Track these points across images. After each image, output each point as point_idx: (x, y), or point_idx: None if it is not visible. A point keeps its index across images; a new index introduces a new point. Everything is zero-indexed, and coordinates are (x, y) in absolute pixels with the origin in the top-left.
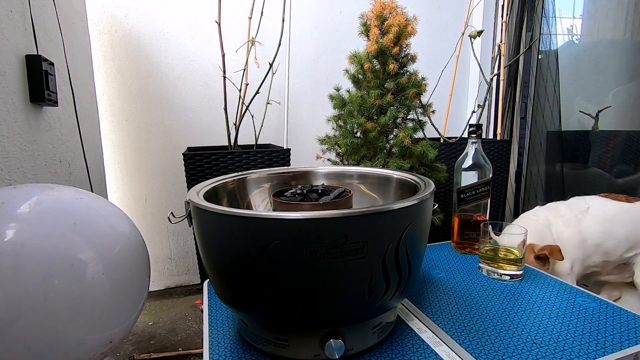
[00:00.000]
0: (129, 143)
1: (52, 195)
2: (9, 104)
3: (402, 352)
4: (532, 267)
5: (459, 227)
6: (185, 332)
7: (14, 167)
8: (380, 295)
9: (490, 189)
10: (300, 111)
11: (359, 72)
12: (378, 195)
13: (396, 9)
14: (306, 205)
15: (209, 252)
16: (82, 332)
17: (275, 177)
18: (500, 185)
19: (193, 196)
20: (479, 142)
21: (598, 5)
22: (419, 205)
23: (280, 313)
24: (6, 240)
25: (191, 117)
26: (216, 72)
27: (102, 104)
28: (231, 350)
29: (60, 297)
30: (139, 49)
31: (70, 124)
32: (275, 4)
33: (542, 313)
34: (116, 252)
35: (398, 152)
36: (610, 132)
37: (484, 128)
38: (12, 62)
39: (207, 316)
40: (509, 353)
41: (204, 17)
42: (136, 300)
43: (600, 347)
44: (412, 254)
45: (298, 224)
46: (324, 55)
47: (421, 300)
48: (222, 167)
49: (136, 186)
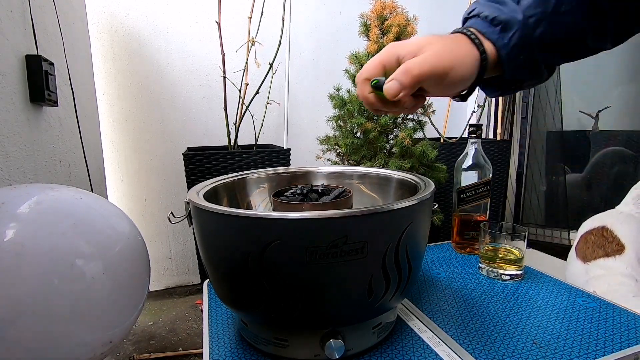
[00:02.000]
0: (129, 143)
1: (52, 195)
2: (9, 104)
3: (402, 352)
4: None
5: (459, 227)
6: (185, 332)
7: (14, 167)
8: (380, 295)
9: (490, 189)
10: (300, 111)
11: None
12: (378, 195)
13: (396, 9)
14: (306, 205)
15: (209, 252)
16: (82, 332)
17: (275, 177)
18: (500, 185)
19: (193, 196)
20: (479, 142)
21: None
22: (419, 205)
23: (280, 313)
24: (6, 240)
25: (191, 117)
26: (216, 72)
27: (102, 104)
28: (231, 350)
29: (60, 297)
30: (139, 49)
31: (70, 124)
32: (275, 4)
33: (542, 313)
34: (116, 252)
35: (398, 152)
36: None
37: (484, 128)
38: (12, 62)
39: (207, 316)
40: (509, 353)
41: (204, 17)
42: (136, 300)
43: (600, 347)
44: (412, 254)
45: (298, 224)
46: (324, 55)
47: (421, 300)
48: (222, 167)
49: (136, 186)
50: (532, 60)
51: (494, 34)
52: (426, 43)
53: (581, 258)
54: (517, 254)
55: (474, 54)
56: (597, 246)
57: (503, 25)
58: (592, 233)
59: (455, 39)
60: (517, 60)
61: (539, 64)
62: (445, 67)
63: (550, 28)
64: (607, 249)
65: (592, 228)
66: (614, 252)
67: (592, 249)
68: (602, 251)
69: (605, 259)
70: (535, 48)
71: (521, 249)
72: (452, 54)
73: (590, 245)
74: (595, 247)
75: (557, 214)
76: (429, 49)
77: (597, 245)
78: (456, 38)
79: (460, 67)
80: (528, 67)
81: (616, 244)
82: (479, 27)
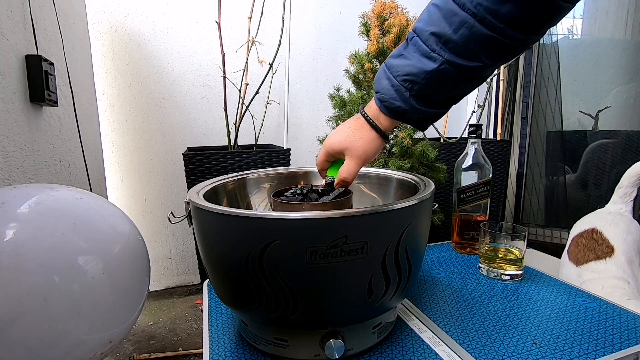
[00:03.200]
0: (129, 143)
1: (52, 195)
2: (9, 104)
3: (402, 352)
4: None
5: (459, 227)
6: (185, 332)
7: (14, 167)
8: (380, 295)
9: (490, 189)
10: (300, 111)
11: (359, 72)
12: (378, 195)
13: (397, 9)
14: (306, 205)
15: (209, 252)
16: (82, 332)
17: (275, 177)
18: (500, 185)
19: (193, 196)
20: (479, 142)
21: (598, 5)
22: (419, 205)
23: (280, 313)
24: (6, 240)
25: (191, 117)
26: (216, 72)
27: (102, 104)
28: (231, 350)
29: (60, 297)
30: (139, 49)
31: (70, 124)
32: (275, 4)
33: (542, 313)
34: (116, 252)
35: (398, 152)
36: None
37: (484, 128)
38: (12, 62)
39: (207, 316)
40: (509, 353)
41: (204, 17)
42: (136, 300)
43: (600, 347)
44: (412, 254)
45: (298, 224)
46: (324, 55)
47: (421, 300)
48: (222, 167)
49: (136, 186)
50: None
51: (392, 115)
52: (346, 146)
53: (573, 261)
54: (517, 254)
55: (376, 137)
56: (588, 249)
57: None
58: (582, 236)
59: (361, 128)
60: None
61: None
62: (364, 160)
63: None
64: (598, 252)
65: (582, 231)
66: (604, 255)
67: (584, 252)
68: (593, 254)
69: (597, 262)
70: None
71: (521, 249)
72: (363, 147)
73: (581, 249)
74: (586, 250)
75: (557, 214)
76: (347, 153)
77: (587, 249)
78: (361, 127)
79: (371, 151)
80: (428, 119)
81: (606, 246)
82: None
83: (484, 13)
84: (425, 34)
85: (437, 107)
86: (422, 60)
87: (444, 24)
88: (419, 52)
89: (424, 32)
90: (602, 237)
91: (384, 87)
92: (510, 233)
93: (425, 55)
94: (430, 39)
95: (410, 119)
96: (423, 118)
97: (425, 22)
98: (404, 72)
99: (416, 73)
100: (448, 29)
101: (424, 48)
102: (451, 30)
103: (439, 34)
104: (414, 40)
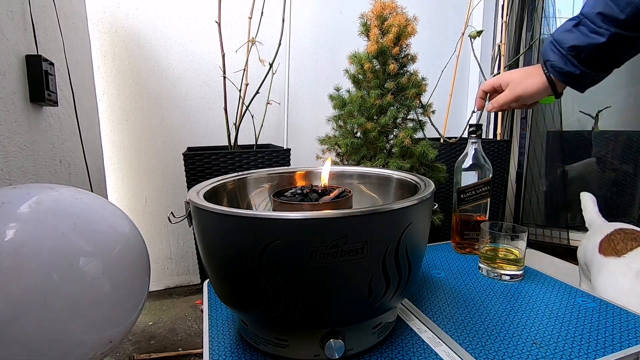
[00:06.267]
0: (129, 143)
1: (52, 195)
2: (9, 104)
3: (402, 352)
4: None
5: (459, 227)
6: (185, 332)
7: (14, 167)
8: (380, 295)
9: (491, 189)
10: (300, 111)
11: (359, 72)
12: (378, 195)
13: (396, 9)
14: (306, 205)
15: (209, 252)
16: (82, 332)
17: (275, 177)
18: (500, 185)
19: (193, 196)
20: (479, 142)
21: None
22: (419, 205)
23: (280, 313)
24: (6, 240)
25: (191, 117)
26: (216, 72)
27: (102, 104)
28: (231, 350)
29: (60, 297)
30: (139, 49)
31: (70, 124)
32: (275, 4)
33: (542, 313)
34: (116, 252)
35: (398, 152)
36: (610, 132)
37: (484, 128)
38: (12, 62)
39: (207, 316)
40: (509, 353)
41: (204, 17)
42: (136, 300)
43: (600, 347)
44: (412, 254)
45: (298, 224)
46: (324, 55)
47: (421, 300)
48: (222, 167)
49: (136, 186)
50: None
51: (561, 77)
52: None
53: (613, 254)
54: (517, 254)
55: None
56: (628, 239)
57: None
58: (613, 234)
59: (534, 71)
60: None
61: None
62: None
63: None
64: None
65: (609, 232)
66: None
67: (624, 243)
68: (636, 242)
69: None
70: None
71: (521, 249)
72: (526, 85)
73: (619, 242)
74: (626, 241)
75: (557, 214)
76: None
77: (627, 239)
78: (535, 70)
79: (531, 93)
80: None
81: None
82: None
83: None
84: (592, 16)
85: (601, 71)
86: (590, 36)
87: (610, 5)
88: (588, 29)
89: (591, 14)
90: (635, 230)
91: (554, 57)
92: (511, 233)
93: (594, 32)
94: (597, 19)
95: (577, 82)
96: (590, 81)
97: (591, 7)
98: (570, 44)
99: (584, 45)
100: (615, 9)
101: (592, 27)
102: (618, 10)
103: (605, 13)
104: (583, 21)
